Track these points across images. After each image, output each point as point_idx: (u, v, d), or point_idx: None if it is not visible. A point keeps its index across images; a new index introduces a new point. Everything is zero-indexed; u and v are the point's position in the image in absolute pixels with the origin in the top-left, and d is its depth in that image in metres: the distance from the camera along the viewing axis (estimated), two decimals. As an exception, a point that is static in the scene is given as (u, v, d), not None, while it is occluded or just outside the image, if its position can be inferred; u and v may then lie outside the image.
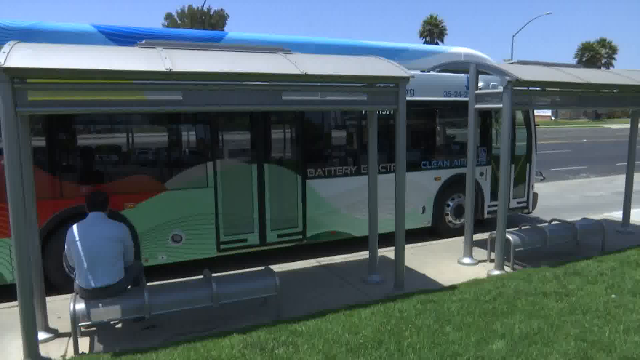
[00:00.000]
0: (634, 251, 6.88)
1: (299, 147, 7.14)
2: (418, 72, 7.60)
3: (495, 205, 8.24)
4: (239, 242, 6.83)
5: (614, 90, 7.19)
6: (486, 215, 8.66)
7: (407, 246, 6.05)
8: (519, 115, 8.98)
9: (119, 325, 4.81)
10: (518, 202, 9.08)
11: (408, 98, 7.36)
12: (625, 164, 8.41)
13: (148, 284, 4.94)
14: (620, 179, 8.89)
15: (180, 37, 6.60)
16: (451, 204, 8.46)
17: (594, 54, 71.77)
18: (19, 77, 3.77)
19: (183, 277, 5.45)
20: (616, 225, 8.32)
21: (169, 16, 58.84)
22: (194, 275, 5.41)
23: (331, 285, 5.93)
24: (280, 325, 4.57)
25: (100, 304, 4.29)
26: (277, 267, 6.28)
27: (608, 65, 71.35)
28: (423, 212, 8.17)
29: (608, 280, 5.74)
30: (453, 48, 8.82)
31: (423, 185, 8.08)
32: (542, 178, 10.09)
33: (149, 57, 4.37)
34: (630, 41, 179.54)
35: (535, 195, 9.29)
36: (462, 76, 8.00)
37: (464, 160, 7.93)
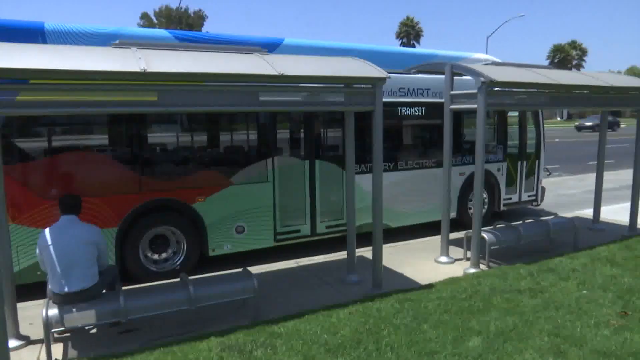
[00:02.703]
0: (604, 248, 7.06)
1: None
2: (444, 77, 7.88)
3: (510, 198, 9.42)
4: (293, 233, 7.29)
5: (585, 91, 7.37)
6: (502, 208, 9.32)
7: (386, 245, 6.11)
8: (529, 116, 9.67)
9: (94, 331, 4.72)
10: (529, 196, 9.80)
11: (437, 100, 8.08)
12: (596, 162, 8.64)
13: (129, 287, 4.86)
14: (591, 178, 9.12)
15: (241, 42, 6.92)
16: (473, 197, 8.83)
17: (565, 56, 73.49)
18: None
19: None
20: (587, 223, 8.51)
21: (145, 16, 58.13)
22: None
23: (310, 286, 5.93)
24: (259, 327, 4.55)
25: (74, 309, 4.20)
26: (255, 269, 6.25)
27: (578, 66, 73.11)
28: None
29: (580, 276, 5.88)
30: (476, 54, 9.58)
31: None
32: (548, 174, 10.72)
33: (123, 58, 4.31)
34: (599, 43, 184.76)
35: (543, 189, 10.00)
36: None
37: (486, 156, 8.45)
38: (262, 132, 7.03)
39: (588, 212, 9.04)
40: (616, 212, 9.41)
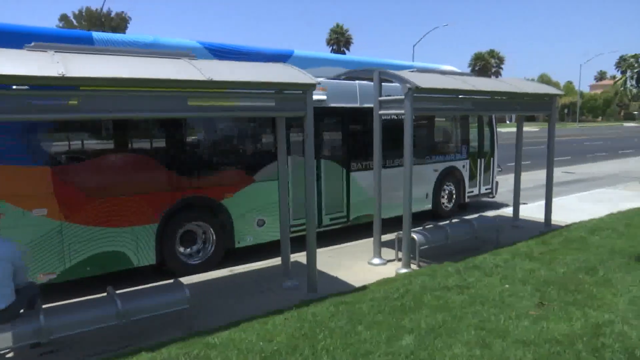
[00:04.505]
0: (523, 244, 7.53)
1: (345, 146, 8.55)
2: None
3: (472, 192, 10.81)
4: (303, 225, 7.48)
5: (503, 97, 7.85)
6: (467, 200, 10.68)
7: (321, 249, 6.16)
8: (485, 119, 10.95)
9: (11, 355, 4.38)
10: (486, 189, 11.19)
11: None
12: (514, 164, 9.22)
13: (51, 304, 4.56)
14: (510, 178, 9.73)
15: (256, 53, 7.61)
16: (445, 191, 10.29)
17: (485, 63, 77.88)
18: None
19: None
20: (508, 221, 9.03)
21: (64, 17, 54.92)
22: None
23: (245, 293, 5.86)
24: (193, 339, 4.43)
25: (-13, 332, 3.89)
26: (189, 279, 6.10)
27: (497, 73, 77.69)
28: (427, 197, 9.89)
29: (502, 271, 6.23)
30: (443, 66, 10.60)
31: (427, 175, 9.78)
32: (500, 170, 11.78)
33: (40, 61, 4.06)
34: (515, 52, 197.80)
35: (497, 183, 11.41)
36: None
37: (454, 155, 10.35)
38: (276, 134, 7.48)
39: (509, 211, 9.61)
40: (533, 210, 10.08)
